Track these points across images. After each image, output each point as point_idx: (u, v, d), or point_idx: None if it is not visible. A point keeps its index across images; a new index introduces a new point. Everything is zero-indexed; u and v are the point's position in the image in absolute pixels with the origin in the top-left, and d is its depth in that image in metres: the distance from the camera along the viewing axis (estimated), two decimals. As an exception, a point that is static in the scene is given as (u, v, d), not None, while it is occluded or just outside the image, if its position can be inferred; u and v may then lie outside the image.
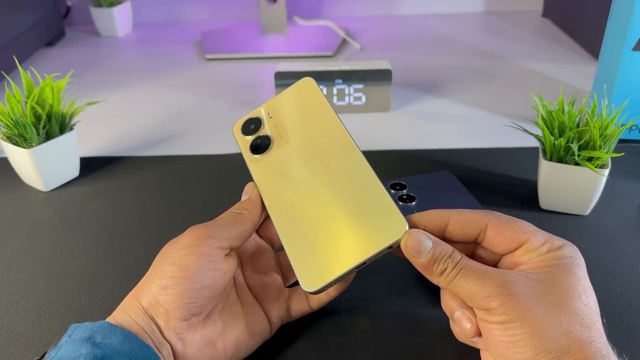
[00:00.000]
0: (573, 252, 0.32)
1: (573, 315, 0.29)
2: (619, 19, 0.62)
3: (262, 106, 0.42)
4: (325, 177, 0.38)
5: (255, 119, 0.42)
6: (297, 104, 0.41)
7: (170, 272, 0.33)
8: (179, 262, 0.33)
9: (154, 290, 0.33)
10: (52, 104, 0.57)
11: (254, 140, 0.41)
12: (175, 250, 0.34)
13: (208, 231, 0.35)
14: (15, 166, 0.60)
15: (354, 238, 0.36)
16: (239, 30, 1.12)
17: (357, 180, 0.37)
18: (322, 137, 0.39)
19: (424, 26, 1.17)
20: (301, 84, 0.42)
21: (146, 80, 0.92)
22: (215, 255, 0.34)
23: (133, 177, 0.62)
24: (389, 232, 0.35)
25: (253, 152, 0.40)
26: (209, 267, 0.34)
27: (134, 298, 0.34)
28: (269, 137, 0.40)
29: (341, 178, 0.38)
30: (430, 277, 0.33)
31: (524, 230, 0.33)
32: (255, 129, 0.41)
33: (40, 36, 1.05)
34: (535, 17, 1.19)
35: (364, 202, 0.36)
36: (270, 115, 0.41)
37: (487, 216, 0.34)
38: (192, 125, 0.75)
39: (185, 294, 0.33)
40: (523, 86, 0.84)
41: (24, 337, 0.41)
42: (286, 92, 0.42)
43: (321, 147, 0.39)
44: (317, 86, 0.41)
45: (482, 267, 0.31)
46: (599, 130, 0.48)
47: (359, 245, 0.35)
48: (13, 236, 0.52)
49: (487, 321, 0.30)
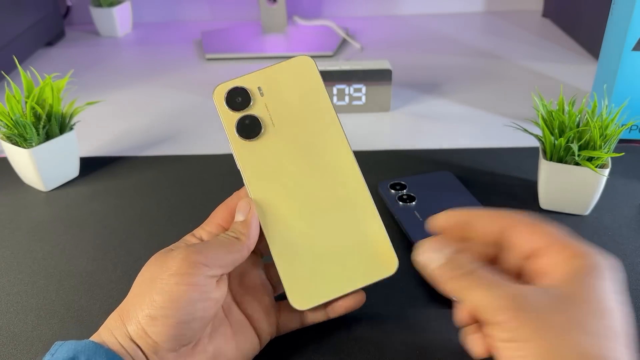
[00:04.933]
0: (602, 264, 0.28)
1: (590, 336, 0.26)
2: (619, 19, 0.62)
3: (252, 75, 0.37)
4: (321, 188, 0.37)
5: (243, 91, 0.37)
6: (293, 86, 0.37)
7: (159, 303, 0.31)
8: (169, 291, 0.31)
9: (142, 320, 0.31)
10: (52, 104, 0.57)
11: (241, 120, 0.37)
12: (166, 276, 0.32)
13: (202, 258, 0.32)
14: (15, 166, 0.60)
15: (347, 265, 0.36)
16: (239, 30, 1.12)
17: (355, 203, 0.37)
18: (319, 138, 0.37)
19: (424, 26, 1.17)
20: (299, 61, 0.38)
21: (146, 80, 0.92)
22: (207, 284, 0.32)
23: (133, 177, 0.62)
24: (381, 268, 0.36)
25: (240, 135, 0.37)
26: (201, 297, 0.32)
27: (119, 320, 0.32)
28: (260, 121, 0.37)
29: (338, 195, 0.37)
30: (439, 286, 0.31)
31: (549, 234, 0.30)
32: (242, 103, 0.37)
33: (40, 36, 1.05)
34: (535, 17, 1.19)
35: (360, 227, 0.37)
36: (262, 92, 0.37)
37: (509, 217, 0.32)
38: (192, 125, 0.75)
39: (175, 326, 0.31)
40: (523, 86, 0.84)
41: (24, 337, 0.41)
42: (281, 66, 0.37)
43: (318, 150, 0.37)
44: (317, 69, 0.38)
45: (495, 277, 0.29)
46: (599, 130, 0.48)
47: (351, 274, 0.36)
48: (13, 236, 0.52)
49: (494, 337, 0.27)
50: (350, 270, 0.36)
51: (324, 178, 0.37)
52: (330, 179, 0.37)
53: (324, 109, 0.38)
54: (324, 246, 0.36)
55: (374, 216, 0.37)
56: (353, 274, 0.36)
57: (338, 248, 0.36)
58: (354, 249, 0.36)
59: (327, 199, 0.37)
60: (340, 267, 0.36)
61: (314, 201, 0.37)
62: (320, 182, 0.37)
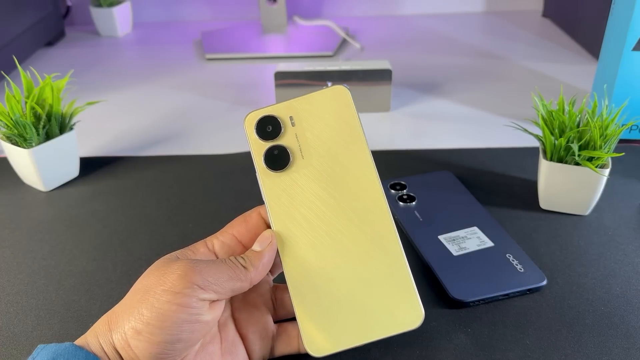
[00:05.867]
0: None
1: None
2: (619, 18, 0.62)
3: (285, 104, 0.36)
4: (347, 227, 0.35)
5: (274, 120, 0.36)
6: (326, 116, 0.36)
7: (146, 318, 0.30)
8: (159, 308, 0.30)
9: (127, 331, 0.31)
10: (52, 104, 0.57)
11: (270, 150, 0.36)
12: (159, 291, 0.31)
13: (200, 279, 0.31)
14: (15, 166, 0.60)
15: (370, 313, 0.34)
16: (239, 30, 1.12)
17: (383, 247, 0.35)
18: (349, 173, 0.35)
19: (424, 26, 1.17)
20: (334, 92, 0.36)
21: (146, 80, 0.92)
22: (199, 307, 0.31)
23: (133, 177, 0.62)
24: (405, 320, 0.34)
25: (267, 165, 0.36)
26: (189, 319, 0.31)
27: (107, 325, 0.32)
28: (288, 152, 0.36)
29: (366, 236, 0.35)
30: None
31: None
32: (273, 133, 0.36)
33: (40, 36, 1.05)
34: (536, 17, 1.19)
35: (387, 274, 0.35)
36: (293, 122, 0.36)
37: None
38: (192, 125, 0.75)
39: (158, 345, 0.30)
40: (523, 86, 0.84)
41: (24, 337, 0.41)
42: (314, 96, 0.36)
43: (347, 186, 0.35)
44: (352, 102, 0.36)
45: None
46: (599, 130, 0.48)
47: (373, 323, 0.34)
48: (13, 236, 0.52)
49: None
50: (373, 319, 0.34)
51: (351, 217, 0.35)
52: (358, 218, 0.35)
53: (356, 142, 0.36)
54: (347, 291, 0.34)
55: (402, 263, 0.35)
56: (375, 323, 0.34)
57: (361, 294, 0.34)
58: (378, 297, 0.34)
59: (354, 239, 0.35)
60: (362, 314, 0.34)
61: (339, 240, 0.35)
62: (348, 221, 0.35)
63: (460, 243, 0.47)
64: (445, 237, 0.48)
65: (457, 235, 0.48)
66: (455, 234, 0.48)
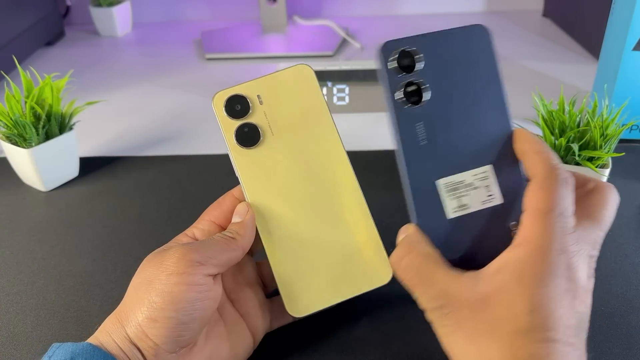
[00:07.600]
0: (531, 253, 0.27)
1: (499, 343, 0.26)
2: (619, 18, 0.62)
3: (251, 83, 0.38)
4: (317, 196, 0.37)
5: (242, 99, 0.37)
6: (292, 94, 0.38)
7: (159, 304, 0.31)
8: (169, 292, 0.31)
9: (142, 321, 0.31)
10: (52, 104, 0.57)
11: (240, 128, 0.37)
12: (164, 277, 0.31)
13: (199, 257, 0.32)
14: (14, 166, 0.60)
15: (343, 273, 0.37)
16: (239, 30, 1.12)
17: (351, 212, 0.38)
18: (317, 146, 0.38)
19: (424, 26, 1.16)
20: (298, 70, 0.38)
21: (146, 80, 0.92)
22: (206, 283, 0.32)
23: (133, 177, 0.62)
24: (375, 277, 0.37)
25: (239, 143, 0.37)
26: (200, 297, 0.32)
27: (117, 322, 0.32)
28: (259, 130, 0.37)
29: (334, 203, 0.37)
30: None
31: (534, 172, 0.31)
32: (242, 111, 0.37)
33: (40, 36, 1.05)
34: (536, 16, 1.19)
35: (356, 236, 0.37)
36: (261, 100, 0.38)
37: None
38: (192, 125, 0.75)
39: (175, 328, 0.31)
40: (523, 86, 0.84)
41: (24, 337, 0.41)
42: (280, 75, 0.38)
43: (315, 159, 0.38)
44: (316, 79, 0.38)
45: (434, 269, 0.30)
46: (599, 130, 0.48)
47: (346, 282, 0.37)
48: (12, 236, 0.52)
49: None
50: (346, 278, 0.37)
51: (320, 186, 0.38)
52: (327, 188, 0.38)
53: (322, 118, 0.38)
54: (320, 254, 0.37)
55: (369, 225, 0.38)
56: (348, 282, 0.37)
57: (334, 256, 0.37)
58: (349, 257, 0.37)
59: (324, 207, 0.37)
60: (336, 275, 0.37)
61: (310, 209, 0.37)
62: (317, 191, 0.38)
63: (462, 196, 0.34)
64: (446, 184, 0.34)
65: (462, 180, 0.34)
66: (461, 177, 0.34)
